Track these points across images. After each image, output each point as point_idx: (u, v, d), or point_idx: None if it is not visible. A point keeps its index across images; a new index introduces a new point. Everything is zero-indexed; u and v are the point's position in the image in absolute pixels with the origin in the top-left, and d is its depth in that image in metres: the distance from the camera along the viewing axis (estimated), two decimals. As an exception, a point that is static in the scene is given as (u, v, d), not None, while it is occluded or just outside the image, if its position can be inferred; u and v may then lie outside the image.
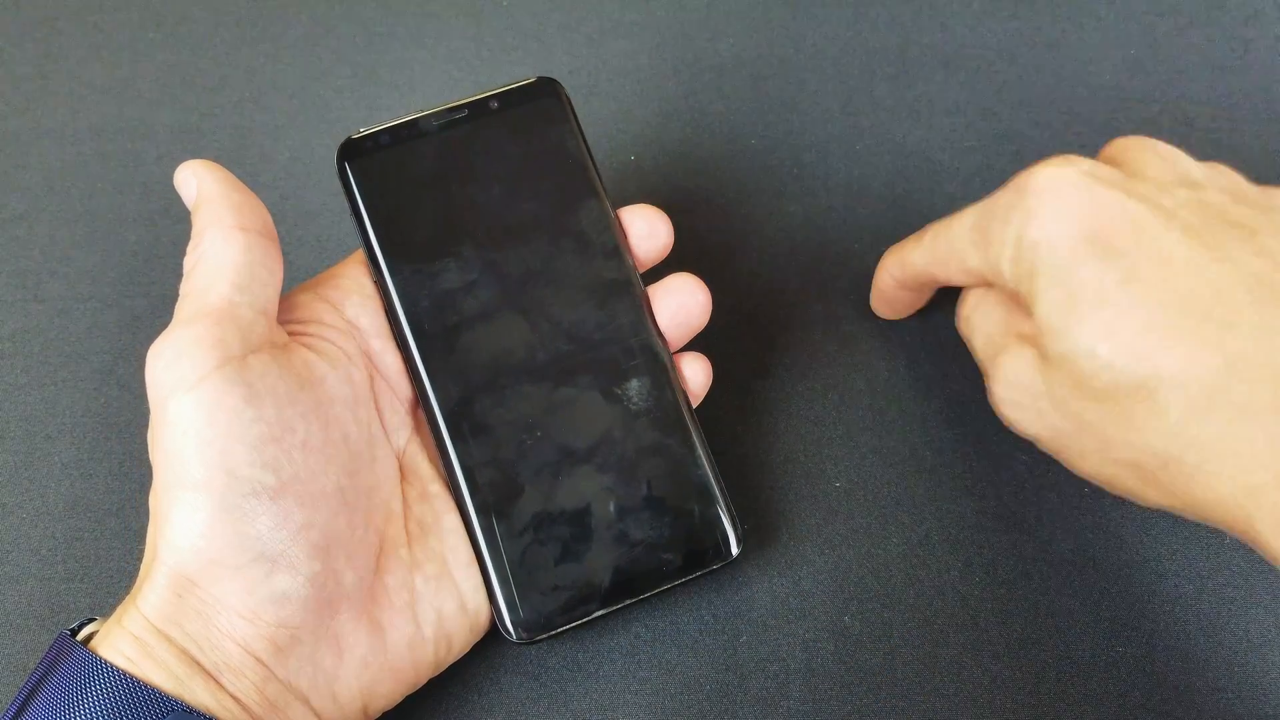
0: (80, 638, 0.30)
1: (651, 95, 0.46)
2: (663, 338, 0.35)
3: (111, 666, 0.28)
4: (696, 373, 0.36)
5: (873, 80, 0.47)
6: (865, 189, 0.44)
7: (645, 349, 0.35)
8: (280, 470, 0.30)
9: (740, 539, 0.35)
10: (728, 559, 0.34)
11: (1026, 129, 0.45)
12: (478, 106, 0.36)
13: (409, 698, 0.33)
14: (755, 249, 0.43)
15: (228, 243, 0.31)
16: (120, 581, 0.37)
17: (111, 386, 0.40)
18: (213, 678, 0.29)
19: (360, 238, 0.35)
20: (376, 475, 0.33)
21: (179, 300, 0.31)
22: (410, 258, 0.35)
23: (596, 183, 0.36)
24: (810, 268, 0.43)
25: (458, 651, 0.34)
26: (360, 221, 0.35)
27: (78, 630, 0.31)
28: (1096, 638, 0.36)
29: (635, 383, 0.35)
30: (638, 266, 0.36)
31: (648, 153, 0.45)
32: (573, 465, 0.34)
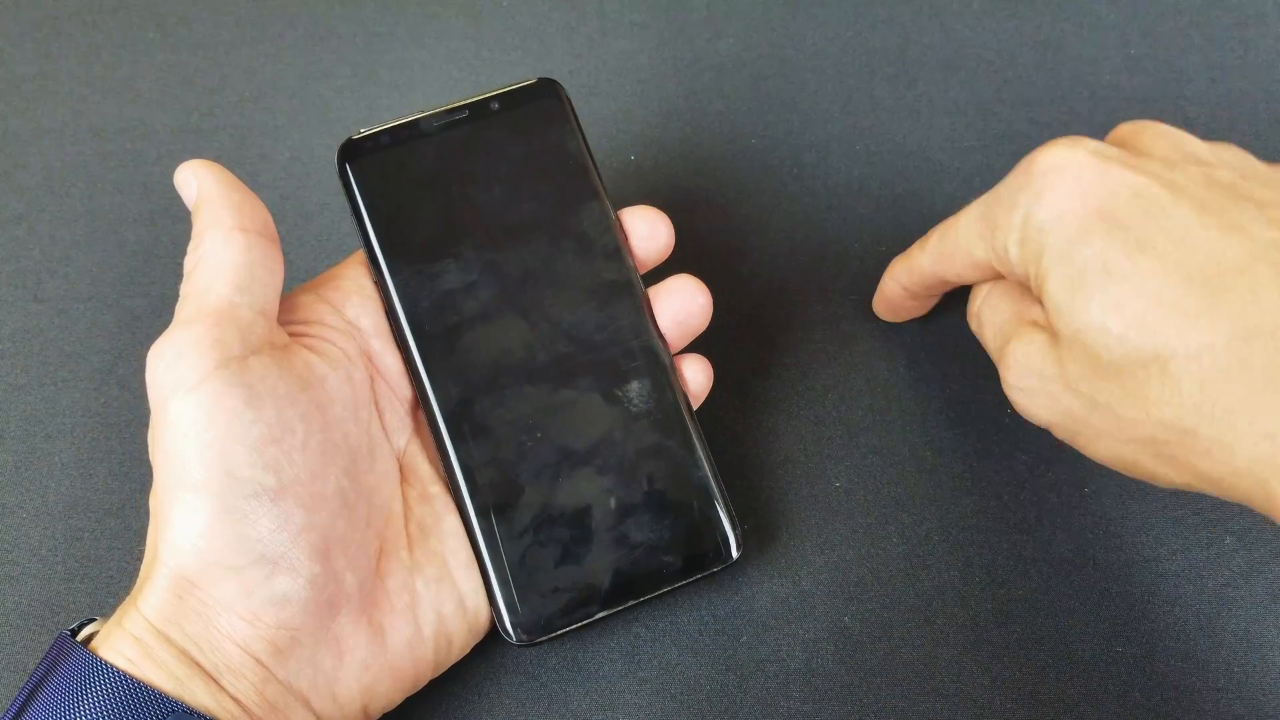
0: (80, 638, 0.30)
1: (651, 95, 0.46)
2: (663, 339, 0.35)
3: (112, 667, 0.28)
4: (697, 374, 0.36)
5: (873, 80, 0.47)
6: (865, 189, 0.44)
7: (646, 350, 0.35)
8: (281, 472, 0.30)
9: (740, 541, 0.35)
10: (728, 561, 0.34)
11: (1026, 129, 0.45)
12: (478, 107, 0.36)
13: (409, 698, 0.33)
14: (755, 249, 0.43)
15: (228, 243, 0.31)
16: (120, 581, 0.37)
17: (111, 386, 0.40)
18: (213, 679, 0.29)
19: (360, 238, 0.35)
20: (377, 476, 0.33)
21: (179, 301, 0.31)
22: (411, 258, 0.35)
23: (597, 184, 0.36)
24: (810, 268, 0.43)
25: (458, 653, 0.34)
26: (360, 222, 0.35)
27: (78, 630, 0.31)
28: (1096, 638, 0.36)
29: (635, 384, 0.35)
30: (638, 267, 0.36)
31: (648, 153, 0.45)
32: (573, 467, 0.34)
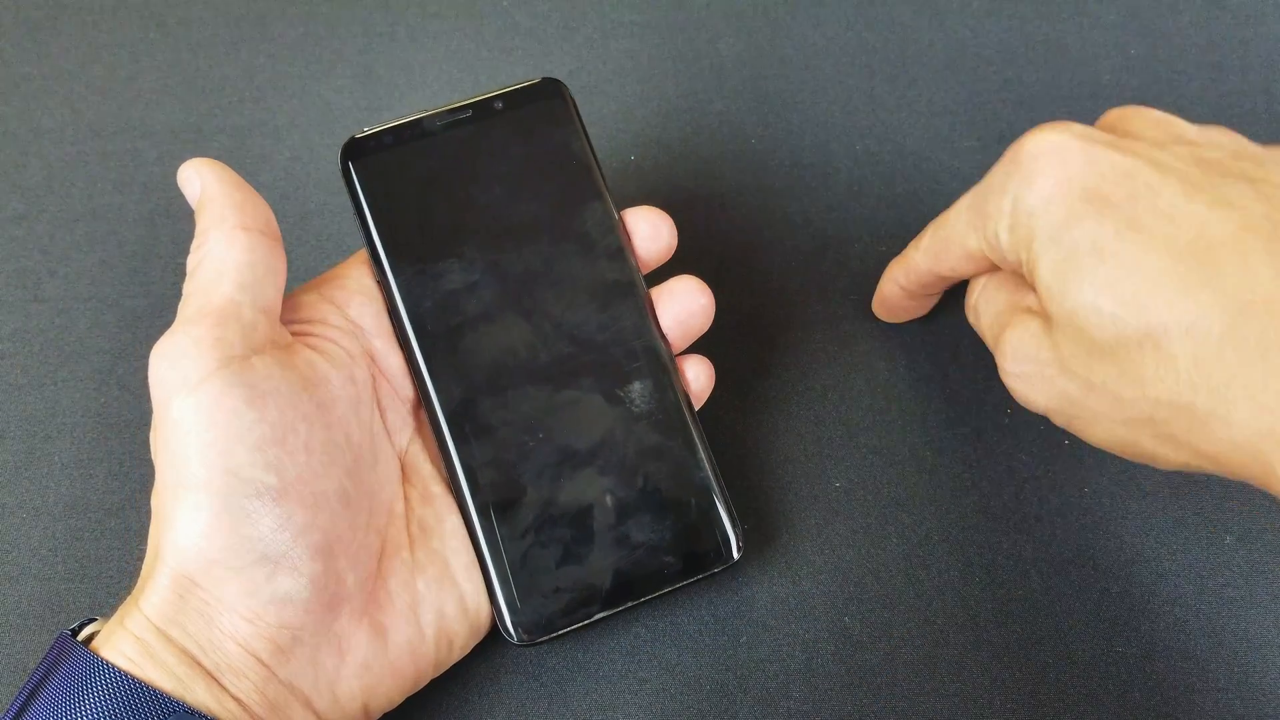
0: (81, 638, 0.30)
1: (652, 95, 0.46)
2: (665, 340, 0.35)
3: (113, 667, 0.28)
4: (699, 375, 0.36)
5: (873, 80, 0.47)
6: (865, 189, 0.44)
7: (647, 351, 0.35)
8: (283, 471, 0.30)
9: (741, 542, 0.35)
10: (729, 562, 0.34)
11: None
12: (482, 107, 0.36)
13: (410, 698, 0.33)
14: (755, 249, 0.43)
15: (231, 243, 0.31)
16: (120, 581, 0.37)
17: (111, 386, 0.40)
18: (214, 678, 0.29)
19: (363, 237, 0.35)
20: (379, 476, 0.33)
21: (182, 299, 0.31)
22: (413, 258, 0.35)
23: (600, 184, 0.36)
24: (810, 268, 0.43)
25: (459, 652, 0.34)
26: (364, 221, 0.35)
27: (78, 630, 0.31)
28: (1096, 638, 0.36)
29: (637, 385, 0.35)
30: (641, 268, 0.36)
31: (648, 152, 0.45)
32: (574, 467, 0.34)
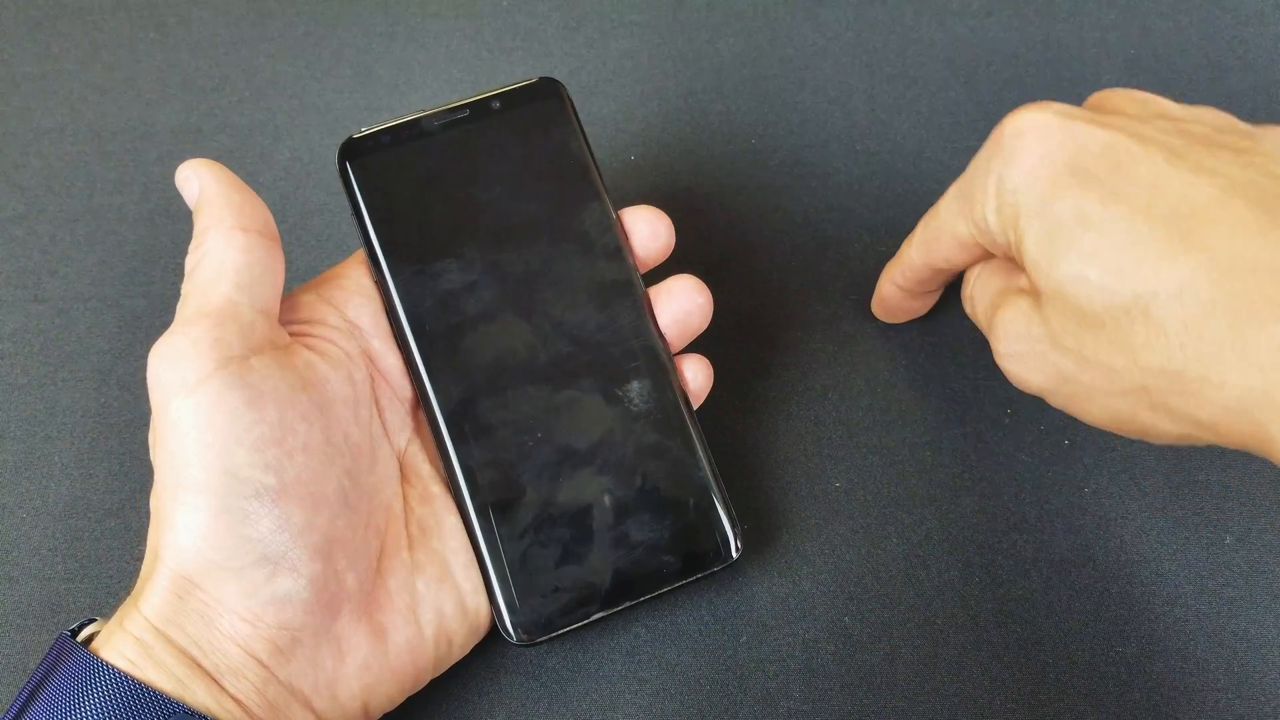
0: (80, 638, 0.30)
1: (652, 95, 0.46)
2: (663, 339, 0.35)
3: (112, 668, 0.28)
4: (697, 374, 0.36)
5: (873, 80, 0.47)
6: (865, 189, 0.44)
7: (646, 351, 0.35)
8: (282, 472, 0.30)
9: (741, 541, 0.35)
10: (728, 561, 0.34)
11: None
12: (479, 106, 0.36)
13: (410, 698, 0.33)
14: (755, 249, 0.43)
15: (229, 243, 0.31)
16: (120, 581, 0.37)
17: (111, 386, 0.40)
18: (214, 679, 0.29)
19: (361, 238, 0.35)
20: (378, 476, 0.33)
21: (180, 300, 0.31)
22: (411, 258, 0.35)
23: (598, 184, 0.36)
24: (810, 268, 0.43)
25: (458, 652, 0.34)
26: (361, 221, 0.35)
27: (78, 631, 0.31)
28: (1096, 638, 0.36)
29: (636, 384, 0.35)
30: (639, 268, 0.36)
31: (648, 152, 0.45)
32: (573, 467, 0.34)
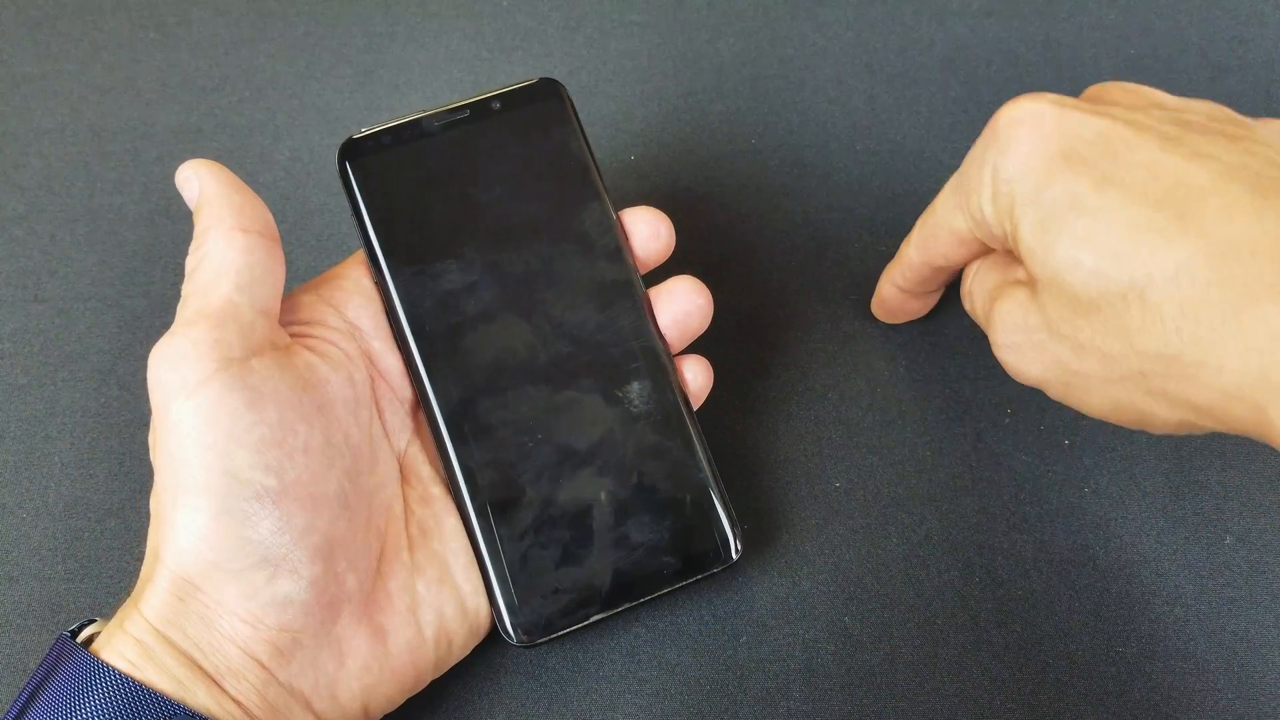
0: (80, 639, 0.30)
1: (651, 95, 0.46)
2: (663, 340, 0.35)
3: (113, 669, 0.28)
4: (697, 375, 0.36)
5: (873, 80, 0.47)
6: (865, 189, 0.44)
7: (646, 351, 0.35)
8: (282, 473, 0.30)
9: (741, 542, 0.35)
10: (728, 562, 0.34)
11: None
12: (479, 107, 0.36)
13: (410, 699, 0.33)
14: (755, 249, 0.43)
15: (229, 244, 0.31)
16: (120, 581, 0.37)
17: (111, 386, 0.40)
18: (214, 681, 0.29)
19: (361, 238, 0.35)
20: (378, 478, 0.33)
21: (181, 301, 0.31)
22: (411, 258, 0.35)
23: (598, 184, 0.36)
24: (810, 268, 0.43)
25: (459, 653, 0.34)
26: (361, 222, 0.35)
27: (78, 631, 0.31)
28: (1096, 638, 0.36)
29: (636, 385, 0.35)
30: (639, 268, 0.36)
31: (648, 152, 0.45)
32: (573, 468, 0.34)
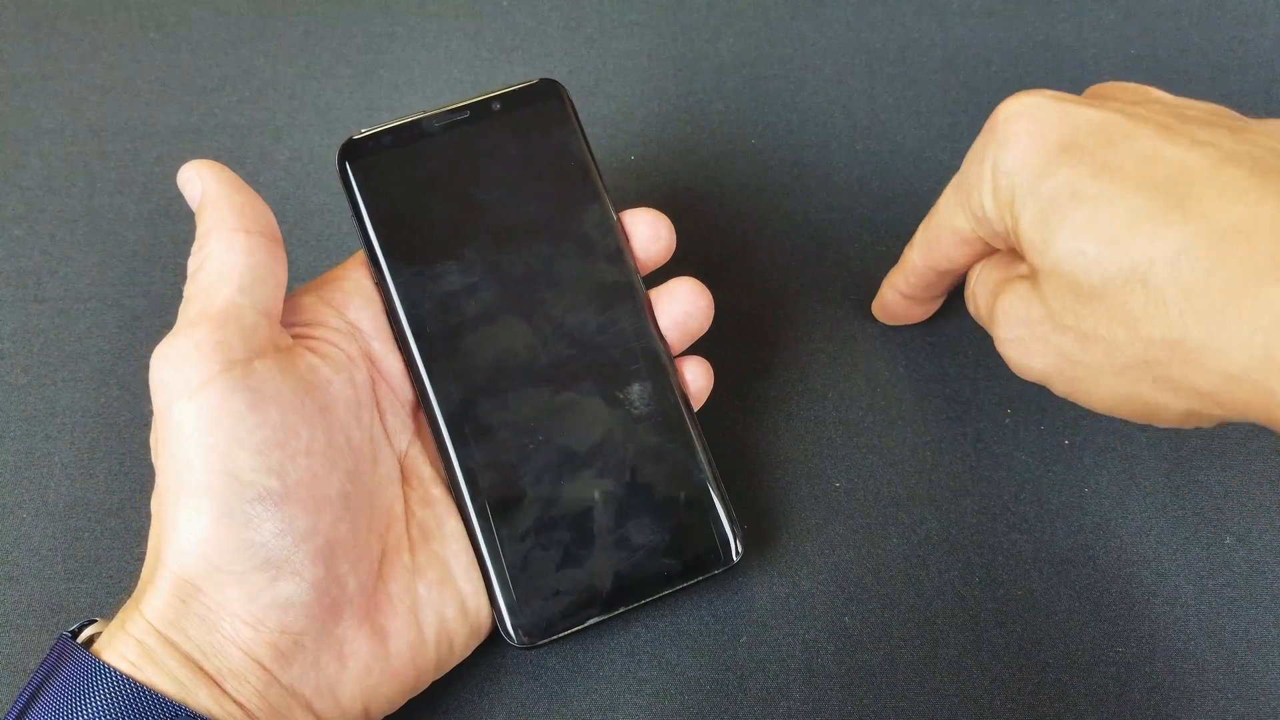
0: (81, 639, 0.30)
1: (651, 95, 0.46)
2: (664, 341, 0.35)
3: (114, 670, 0.28)
4: (698, 376, 0.36)
5: (873, 80, 0.47)
6: (865, 189, 0.44)
7: (647, 353, 0.35)
8: (285, 475, 0.30)
9: (741, 544, 0.35)
10: (729, 564, 0.34)
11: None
12: (480, 108, 0.36)
13: (410, 700, 0.33)
14: (755, 249, 0.43)
15: (231, 245, 0.31)
16: (120, 581, 0.37)
17: (111, 386, 0.40)
18: (216, 683, 0.29)
19: (361, 239, 0.35)
20: (379, 479, 0.33)
21: (183, 302, 0.31)
22: (412, 259, 0.35)
23: (599, 185, 0.36)
24: (810, 268, 0.43)
25: (459, 654, 0.34)
26: (361, 223, 0.35)
27: (78, 632, 0.31)
28: (1096, 638, 0.36)
29: (636, 387, 0.35)
30: (640, 270, 0.36)
31: (648, 152, 0.45)
32: (574, 469, 0.34)
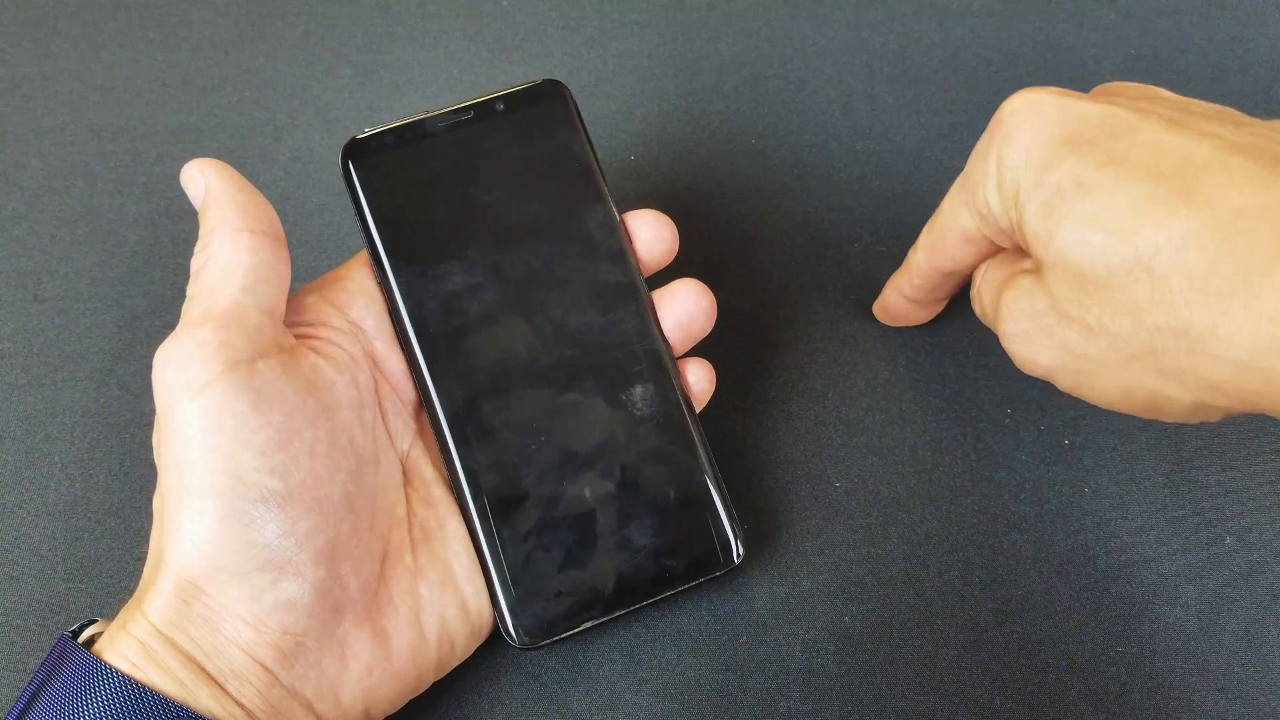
0: (82, 639, 0.30)
1: (652, 95, 0.46)
2: (666, 343, 0.35)
3: (116, 671, 0.28)
4: (700, 378, 0.36)
5: (873, 80, 0.47)
6: (865, 189, 0.44)
7: (649, 354, 0.35)
8: (288, 476, 0.30)
9: (743, 546, 0.35)
10: (730, 565, 0.34)
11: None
12: (483, 108, 0.36)
13: (411, 700, 0.33)
14: (755, 249, 0.43)
15: (235, 245, 0.31)
16: (121, 581, 0.37)
17: (111, 386, 0.40)
18: (218, 684, 0.29)
19: (364, 239, 0.35)
20: (381, 480, 0.33)
21: (186, 302, 0.31)
22: (414, 259, 0.35)
23: (602, 186, 0.36)
24: (810, 268, 0.43)
25: (460, 655, 0.34)
26: (364, 222, 0.35)
27: (79, 632, 0.31)
28: (1096, 638, 0.36)
29: (639, 388, 0.35)
30: (642, 271, 0.36)
31: (648, 152, 0.45)
32: (576, 470, 0.34)
